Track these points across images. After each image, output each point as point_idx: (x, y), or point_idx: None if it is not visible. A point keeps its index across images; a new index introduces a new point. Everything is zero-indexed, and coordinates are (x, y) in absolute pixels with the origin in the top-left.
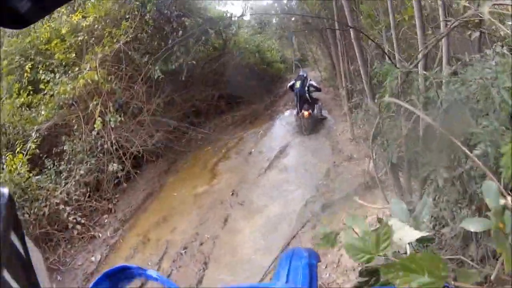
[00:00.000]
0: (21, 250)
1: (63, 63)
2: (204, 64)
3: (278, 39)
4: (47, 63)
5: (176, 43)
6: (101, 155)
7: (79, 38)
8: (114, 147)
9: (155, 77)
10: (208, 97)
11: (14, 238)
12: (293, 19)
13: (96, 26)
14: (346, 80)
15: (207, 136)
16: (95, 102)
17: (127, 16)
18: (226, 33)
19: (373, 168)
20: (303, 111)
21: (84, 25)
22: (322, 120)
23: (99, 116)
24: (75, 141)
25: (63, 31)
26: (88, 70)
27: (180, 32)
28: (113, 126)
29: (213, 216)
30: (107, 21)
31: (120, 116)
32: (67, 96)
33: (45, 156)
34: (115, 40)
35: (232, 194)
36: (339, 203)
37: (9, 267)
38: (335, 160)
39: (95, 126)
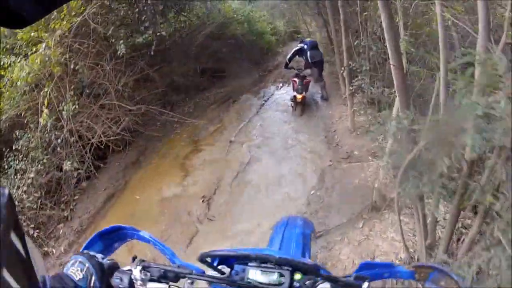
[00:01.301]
0: (21, 250)
1: (27, 43)
2: (186, 35)
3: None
4: (8, 46)
5: (144, 12)
6: (59, 149)
7: None
8: (73, 139)
9: (119, 53)
10: (189, 72)
11: (14, 238)
12: None
13: None
14: (349, 58)
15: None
16: (45, 89)
17: None
18: (211, 1)
19: (383, 182)
20: (295, 94)
21: None
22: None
23: (47, 107)
24: (30, 134)
25: None
26: (41, 51)
27: None
28: (70, 114)
29: (177, 232)
30: None
31: (75, 104)
32: (20, 83)
33: (8, 150)
34: (73, 14)
35: (203, 201)
36: (336, 232)
37: (9, 267)
38: (331, 158)
39: (40, 120)
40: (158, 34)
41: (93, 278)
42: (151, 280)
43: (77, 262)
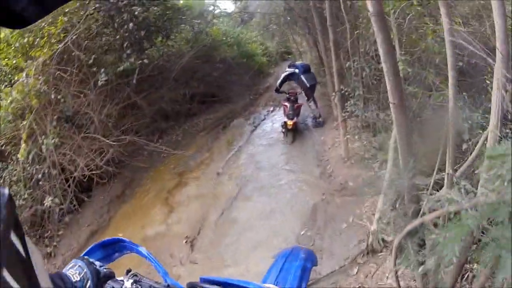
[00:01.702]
0: (21, 250)
1: (11, 70)
2: (174, 60)
3: (261, 30)
4: None
5: (128, 38)
6: (41, 183)
7: (25, 40)
8: (55, 172)
9: (100, 83)
10: (178, 98)
11: (14, 238)
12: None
13: (43, 24)
14: (340, 82)
15: (173, 147)
16: (25, 122)
17: (66, 10)
18: (199, 24)
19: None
20: (286, 120)
21: None
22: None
23: (25, 141)
24: (12, 167)
25: (3, 34)
26: (22, 80)
27: (131, 24)
28: (51, 148)
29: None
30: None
31: (56, 137)
32: (1, 113)
33: None
34: (53, 41)
35: (186, 242)
36: (327, 280)
37: (9, 267)
38: (324, 190)
39: (18, 155)
40: (140, 62)
41: (89, 282)
42: None
43: (77, 266)
